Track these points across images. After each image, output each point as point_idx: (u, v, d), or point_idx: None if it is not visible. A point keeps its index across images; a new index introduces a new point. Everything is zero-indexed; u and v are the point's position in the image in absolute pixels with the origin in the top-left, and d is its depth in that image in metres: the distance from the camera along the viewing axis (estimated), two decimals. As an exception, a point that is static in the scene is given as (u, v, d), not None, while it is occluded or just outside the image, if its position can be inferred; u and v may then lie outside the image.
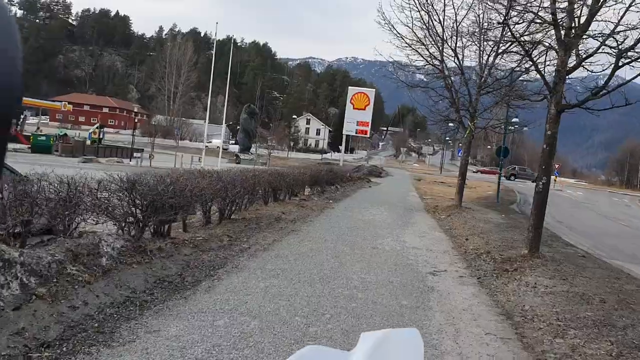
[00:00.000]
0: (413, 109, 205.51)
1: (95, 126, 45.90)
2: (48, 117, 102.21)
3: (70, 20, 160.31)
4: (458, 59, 16.65)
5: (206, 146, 34.24)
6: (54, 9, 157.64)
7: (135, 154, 34.14)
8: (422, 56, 17.05)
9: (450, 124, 18.68)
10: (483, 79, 16.19)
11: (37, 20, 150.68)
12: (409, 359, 0.95)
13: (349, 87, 42.97)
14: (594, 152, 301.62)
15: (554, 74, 9.01)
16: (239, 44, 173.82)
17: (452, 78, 16.90)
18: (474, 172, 61.73)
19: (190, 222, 9.54)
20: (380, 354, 0.90)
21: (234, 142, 75.95)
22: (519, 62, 14.52)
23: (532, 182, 36.22)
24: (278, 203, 13.96)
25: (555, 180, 58.18)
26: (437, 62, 16.97)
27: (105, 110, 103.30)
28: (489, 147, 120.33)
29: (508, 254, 9.35)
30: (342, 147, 39.01)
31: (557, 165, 55.57)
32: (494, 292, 7.10)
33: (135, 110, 58.30)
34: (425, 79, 18.05)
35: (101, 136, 45.13)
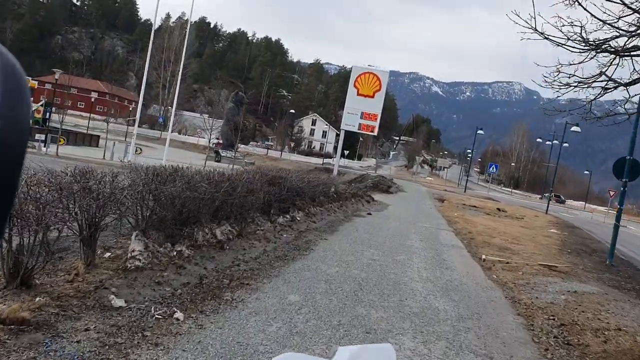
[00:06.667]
0: (428, 119, 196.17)
1: (40, 104, 36.73)
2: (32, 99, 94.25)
3: (72, 0, 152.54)
4: None
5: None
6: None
7: (37, 136, 25.13)
8: None
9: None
10: None
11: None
12: None
13: (353, 66, 30.87)
14: (609, 177, 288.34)
15: None
16: (249, 38, 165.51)
17: None
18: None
19: None
20: None
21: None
22: None
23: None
24: None
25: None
26: None
27: (94, 95, 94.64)
28: (512, 164, 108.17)
29: None
30: (339, 148, 27.09)
31: (611, 193, 45.44)
32: None
33: (46, 81, 49.79)
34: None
35: (47, 116, 35.99)
